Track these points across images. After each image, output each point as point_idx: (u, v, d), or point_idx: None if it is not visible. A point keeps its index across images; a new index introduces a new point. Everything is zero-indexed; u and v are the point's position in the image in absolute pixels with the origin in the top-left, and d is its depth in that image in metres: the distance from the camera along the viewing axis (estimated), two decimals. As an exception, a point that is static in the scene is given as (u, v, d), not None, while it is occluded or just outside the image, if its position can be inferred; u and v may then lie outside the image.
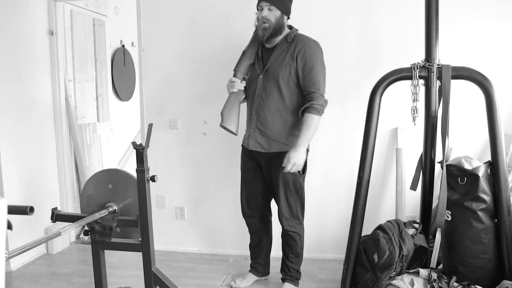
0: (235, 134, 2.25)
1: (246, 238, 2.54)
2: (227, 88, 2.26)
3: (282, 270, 2.40)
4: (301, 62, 2.10)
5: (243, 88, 2.26)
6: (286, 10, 2.15)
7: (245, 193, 2.39)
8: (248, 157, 2.32)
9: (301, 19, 2.66)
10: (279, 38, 2.17)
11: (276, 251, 2.54)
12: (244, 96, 2.29)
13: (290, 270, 2.36)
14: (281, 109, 2.15)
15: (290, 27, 2.24)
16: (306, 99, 2.10)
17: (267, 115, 2.17)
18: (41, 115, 3.01)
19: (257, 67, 2.22)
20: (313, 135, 2.10)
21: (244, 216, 2.45)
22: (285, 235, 2.32)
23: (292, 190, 2.22)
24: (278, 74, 2.12)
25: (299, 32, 2.22)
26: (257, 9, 2.17)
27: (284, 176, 2.17)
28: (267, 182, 2.32)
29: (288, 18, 2.21)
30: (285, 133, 2.17)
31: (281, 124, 2.17)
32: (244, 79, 2.24)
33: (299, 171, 2.15)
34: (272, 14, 2.10)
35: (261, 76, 2.18)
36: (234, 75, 2.22)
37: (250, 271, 2.52)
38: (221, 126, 2.23)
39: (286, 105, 2.15)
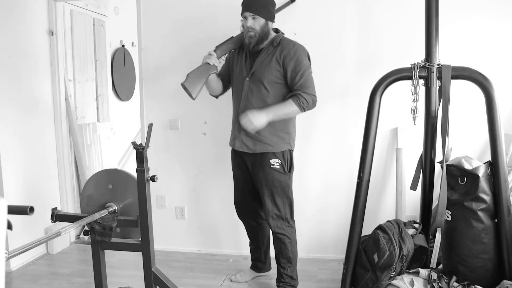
0: (193, 99, 2.21)
1: (246, 238, 2.54)
2: (203, 58, 2.23)
3: (277, 278, 2.34)
4: (288, 67, 2.12)
5: (217, 65, 2.24)
6: (269, 16, 2.17)
7: (236, 194, 2.45)
8: (237, 158, 2.35)
9: (301, 19, 2.67)
10: (265, 43, 2.19)
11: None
12: (214, 72, 2.24)
13: (283, 276, 2.29)
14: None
15: (277, 30, 2.26)
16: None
17: None
18: (41, 115, 3.01)
19: (244, 69, 2.24)
20: (280, 117, 2.11)
21: (238, 216, 2.48)
22: (274, 237, 2.28)
23: (278, 190, 2.20)
24: (264, 77, 2.14)
25: (284, 36, 2.24)
26: (242, 17, 2.18)
27: (268, 175, 2.18)
28: (254, 182, 2.31)
29: (273, 23, 2.22)
30: (269, 134, 2.16)
31: (265, 126, 2.15)
32: (221, 57, 2.26)
33: (284, 170, 2.18)
34: (257, 22, 2.13)
35: (247, 79, 2.20)
36: (214, 51, 2.23)
37: (250, 267, 2.56)
38: (182, 85, 2.18)
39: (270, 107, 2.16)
